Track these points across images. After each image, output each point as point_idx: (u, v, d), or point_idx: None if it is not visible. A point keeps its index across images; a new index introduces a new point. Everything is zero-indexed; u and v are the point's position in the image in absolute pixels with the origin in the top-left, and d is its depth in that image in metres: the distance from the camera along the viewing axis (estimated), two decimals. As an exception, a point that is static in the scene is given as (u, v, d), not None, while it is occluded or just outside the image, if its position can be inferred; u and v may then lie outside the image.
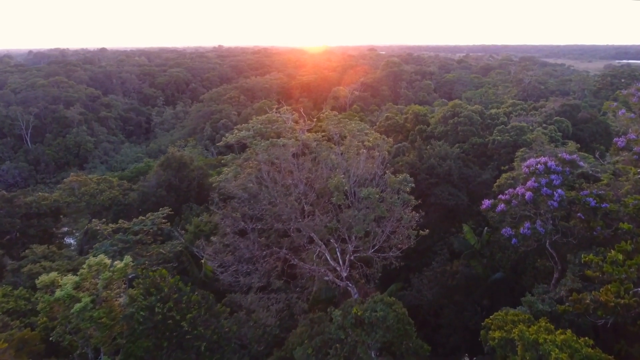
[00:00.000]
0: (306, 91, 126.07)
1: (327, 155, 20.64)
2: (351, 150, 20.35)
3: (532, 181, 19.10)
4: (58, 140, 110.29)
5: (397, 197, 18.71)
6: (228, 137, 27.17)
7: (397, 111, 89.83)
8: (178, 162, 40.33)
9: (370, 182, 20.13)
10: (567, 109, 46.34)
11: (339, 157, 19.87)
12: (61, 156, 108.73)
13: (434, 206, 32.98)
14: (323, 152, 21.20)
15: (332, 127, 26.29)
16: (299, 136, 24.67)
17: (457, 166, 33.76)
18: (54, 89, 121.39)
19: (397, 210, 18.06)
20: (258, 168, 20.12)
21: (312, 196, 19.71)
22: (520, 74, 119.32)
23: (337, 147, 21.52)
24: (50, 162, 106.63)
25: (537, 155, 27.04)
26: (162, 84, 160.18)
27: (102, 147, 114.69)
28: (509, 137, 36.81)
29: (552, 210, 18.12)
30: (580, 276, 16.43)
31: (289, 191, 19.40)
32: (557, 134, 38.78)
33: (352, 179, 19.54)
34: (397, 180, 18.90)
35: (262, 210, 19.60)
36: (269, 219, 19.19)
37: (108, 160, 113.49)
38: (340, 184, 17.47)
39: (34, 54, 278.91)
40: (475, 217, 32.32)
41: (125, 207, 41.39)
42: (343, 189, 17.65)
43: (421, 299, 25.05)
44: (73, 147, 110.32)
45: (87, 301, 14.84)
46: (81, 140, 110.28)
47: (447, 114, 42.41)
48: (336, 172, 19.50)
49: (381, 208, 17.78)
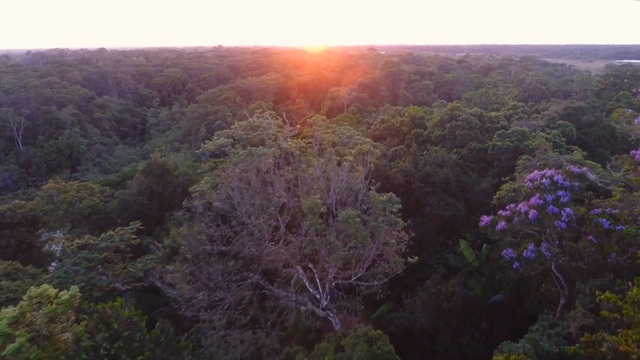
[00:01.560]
0: (303, 92, 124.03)
1: (305, 169, 18.53)
2: (332, 163, 18.12)
3: (536, 197, 17.01)
4: (50, 142, 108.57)
5: (382, 218, 16.49)
6: (207, 144, 25.16)
7: (395, 112, 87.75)
8: (161, 169, 38.26)
9: (354, 200, 18.00)
10: (571, 112, 44.05)
11: (319, 170, 17.75)
12: (53, 158, 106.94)
13: (429, 217, 30.90)
14: (302, 165, 19.06)
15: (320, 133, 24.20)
16: (281, 144, 22.58)
17: (454, 174, 31.65)
18: (47, 89, 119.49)
19: (381, 234, 15.91)
20: (229, 181, 18.07)
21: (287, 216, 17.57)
22: (521, 74, 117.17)
23: (318, 158, 19.36)
24: (42, 165, 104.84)
25: (541, 164, 24.92)
26: (158, 85, 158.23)
27: (95, 149, 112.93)
28: (510, 142, 34.65)
29: (559, 232, 16.06)
30: (592, 309, 14.36)
31: (262, 209, 17.33)
32: (561, 139, 36.60)
33: (333, 196, 17.40)
34: (382, 201, 16.63)
35: (231, 231, 17.50)
36: (237, 242, 17.04)
37: (101, 162, 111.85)
38: (314, 205, 15.26)
39: (32, 54, 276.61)
40: (474, 228, 30.15)
41: (106, 216, 39.40)
42: (319, 211, 15.50)
43: (414, 321, 22.97)
44: (65, 149, 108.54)
45: (22, 341, 12.82)
46: (74, 142, 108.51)
47: (445, 117, 40.28)
48: (314, 188, 17.38)
49: (362, 233, 15.59)
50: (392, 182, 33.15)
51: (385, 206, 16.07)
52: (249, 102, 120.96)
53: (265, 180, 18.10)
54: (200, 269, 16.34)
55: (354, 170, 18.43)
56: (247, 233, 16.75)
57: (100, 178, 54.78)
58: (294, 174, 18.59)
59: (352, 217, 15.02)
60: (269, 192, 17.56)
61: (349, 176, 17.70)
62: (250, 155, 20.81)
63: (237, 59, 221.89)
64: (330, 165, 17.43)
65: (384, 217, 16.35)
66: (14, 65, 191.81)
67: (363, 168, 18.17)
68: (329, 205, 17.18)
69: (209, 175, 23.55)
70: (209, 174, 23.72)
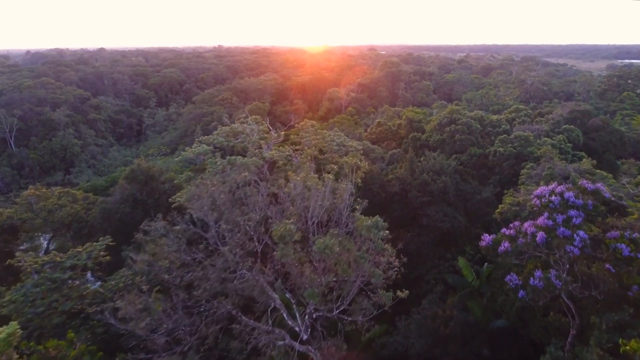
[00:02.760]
0: (301, 92, 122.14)
1: (283, 184, 16.57)
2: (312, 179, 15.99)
3: (544, 217, 15.09)
4: (44, 143, 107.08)
5: (367, 246, 14.41)
6: (186, 151, 23.26)
7: (394, 114, 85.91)
8: (145, 175, 36.30)
9: (337, 221, 16.01)
10: (576, 116, 41.91)
11: (298, 187, 15.70)
12: (46, 160, 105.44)
13: (426, 228, 28.98)
14: (279, 181, 17.11)
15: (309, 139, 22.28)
16: (264, 153, 20.66)
17: (453, 182, 29.70)
18: (41, 90, 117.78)
19: (365, 265, 13.89)
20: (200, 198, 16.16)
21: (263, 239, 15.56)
22: (522, 75, 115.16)
23: (298, 172, 17.31)
24: (35, 167, 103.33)
25: (546, 174, 22.96)
26: (155, 85, 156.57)
27: (89, 151, 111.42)
28: (512, 148, 32.67)
29: (571, 258, 14.16)
30: (610, 350, 12.46)
31: (234, 231, 15.39)
32: (567, 145, 34.56)
33: (313, 219, 15.39)
34: (366, 226, 14.55)
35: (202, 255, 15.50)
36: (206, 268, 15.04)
37: (95, 164, 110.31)
38: (287, 232, 13.25)
39: (31, 55, 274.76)
40: (474, 241, 28.22)
41: (87, 225, 37.55)
42: (292, 239, 13.50)
43: (409, 347, 21.04)
44: (59, 150, 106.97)
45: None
46: (67, 144, 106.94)
47: (444, 120, 38.32)
48: (290, 210, 15.36)
49: (343, 266, 13.60)
50: (388, 190, 31.27)
51: (370, 233, 14.08)
52: (246, 102, 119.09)
53: (240, 197, 16.17)
54: (158, 301, 14.44)
55: (338, 187, 16.39)
56: (218, 257, 14.84)
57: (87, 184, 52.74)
58: (273, 190, 16.63)
59: (330, 247, 13.03)
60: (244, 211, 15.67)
61: (331, 195, 15.74)
62: (230, 165, 18.90)
63: (235, 59, 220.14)
64: (310, 182, 15.50)
65: (369, 244, 14.33)
66: (11, 66, 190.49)
67: (348, 184, 16.14)
68: (307, 230, 15.16)
69: (187, 187, 21.67)
70: (187, 185, 21.83)
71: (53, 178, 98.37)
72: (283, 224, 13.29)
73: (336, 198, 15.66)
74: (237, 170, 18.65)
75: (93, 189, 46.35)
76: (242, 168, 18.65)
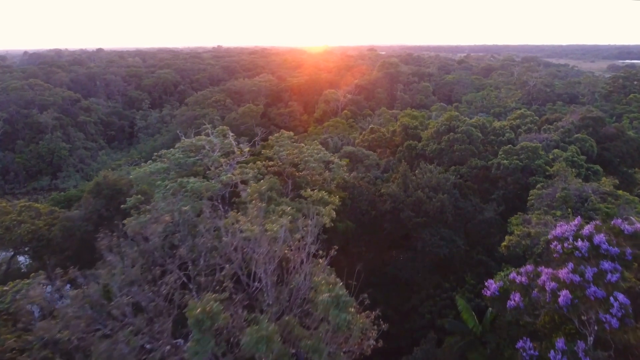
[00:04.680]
0: (297, 94, 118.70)
1: (230, 223, 13.03)
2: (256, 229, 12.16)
3: (568, 270, 11.65)
4: (30, 147, 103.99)
5: (325, 328, 10.60)
6: (135, 170, 19.76)
7: (391, 116, 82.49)
8: (111, 189, 32.89)
9: (293, 274, 12.45)
10: (588, 123, 37.91)
11: (236, 240, 12.01)
12: (33, 164, 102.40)
13: (421, 253, 25.53)
14: (227, 219, 13.51)
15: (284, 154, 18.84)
16: (223, 174, 17.19)
17: (451, 200, 26.25)
18: (29, 92, 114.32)
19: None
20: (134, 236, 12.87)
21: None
22: (524, 76, 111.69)
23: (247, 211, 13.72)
24: (21, 171, 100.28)
25: (561, 196, 19.52)
26: (149, 86, 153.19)
27: (77, 154, 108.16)
28: (519, 160, 29.14)
29: (607, 330, 10.74)
30: None
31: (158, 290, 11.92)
32: (580, 158, 30.82)
33: (256, 283, 11.60)
34: (322, 303, 10.57)
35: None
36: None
37: (84, 168, 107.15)
38: (206, 316, 9.14)
39: (29, 55, 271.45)
40: (475, 268, 24.86)
41: (48, 243, 34.16)
42: (208, 328, 9.48)
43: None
44: (46, 154, 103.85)
45: None
46: (55, 147, 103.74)
47: (442, 128, 34.82)
48: (226, 270, 11.90)
49: (283, 350, 9.69)
50: (378, 208, 27.81)
51: (329, 311, 10.23)
52: (240, 104, 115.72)
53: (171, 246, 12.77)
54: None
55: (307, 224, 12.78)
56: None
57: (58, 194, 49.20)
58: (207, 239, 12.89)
59: (263, 342, 9.29)
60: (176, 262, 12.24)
61: (282, 247, 12.16)
62: (182, 188, 15.42)
63: (232, 60, 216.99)
64: (253, 230, 11.88)
65: (328, 324, 10.49)
66: (5, 67, 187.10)
67: (310, 228, 12.42)
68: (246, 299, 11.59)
69: (134, 214, 18.21)
70: (134, 212, 18.37)
71: (39, 183, 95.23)
72: (204, 300, 9.54)
73: (298, 242, 12.14)
74: (189, 198, 15.22)
75: (67, 200, 42.78)
76: (194, 195, 15.23)
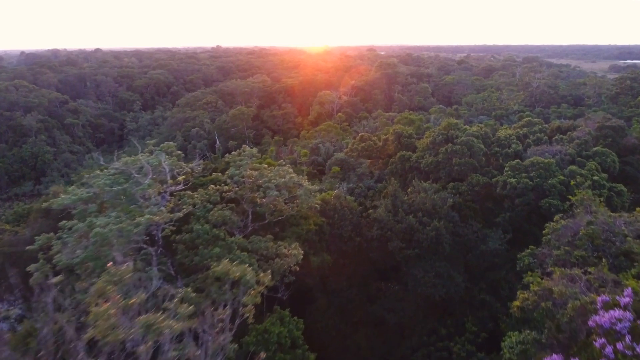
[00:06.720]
0: (291, 95, 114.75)
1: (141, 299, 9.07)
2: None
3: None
4: (13, 150, 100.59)
5: None
6: (51, 201, 16.06)
7: (388, 120, 78.57)
8: (62, 209, 28.94)
9: None
10: (608, 133, 32.97)
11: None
12: (15, 169, 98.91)
13: (413, 292, 21.55)
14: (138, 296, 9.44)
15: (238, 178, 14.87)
16: (149, 209, 13.22)
17: (449, 226, 22.26)
18: (13, 93, 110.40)
19: None
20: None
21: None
22: (526, 77, 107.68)
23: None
24: (3, 176, 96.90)
25: (587, 232, 15.53)
26: (141, 87, 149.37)
27: (63, 158, 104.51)
28: (528, 179, 25.01)
29: None
30: None
31: None
32: (602, 177, 26.12)
33: None
34: None
35: None
36: None
37: (69, 172, 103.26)
38: None
39: (26, 55, 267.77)
40: (477, 311, 20.86)
41: (-8, 269, 30.08)
42: None
43: None
44: (29, 158, 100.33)
45: None
46: (39, 151, 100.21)
47: (438, 138, 30.79)
48: None
49: None
50: (364, 234, 23.81)
51: None
52: (232, 106, 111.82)
53: None
54: None
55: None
56: None
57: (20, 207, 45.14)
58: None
59: None
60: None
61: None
62: (89, 229, 11.50)
63: (229, 60, 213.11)
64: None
65: None
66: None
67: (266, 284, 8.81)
68: None
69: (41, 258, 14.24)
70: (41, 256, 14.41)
71: (21, 189, 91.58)
72: None
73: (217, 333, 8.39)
74: (96, 245, 11.32)
75: (19, 219, 38.80)
76: (107, 242, 11.35)
